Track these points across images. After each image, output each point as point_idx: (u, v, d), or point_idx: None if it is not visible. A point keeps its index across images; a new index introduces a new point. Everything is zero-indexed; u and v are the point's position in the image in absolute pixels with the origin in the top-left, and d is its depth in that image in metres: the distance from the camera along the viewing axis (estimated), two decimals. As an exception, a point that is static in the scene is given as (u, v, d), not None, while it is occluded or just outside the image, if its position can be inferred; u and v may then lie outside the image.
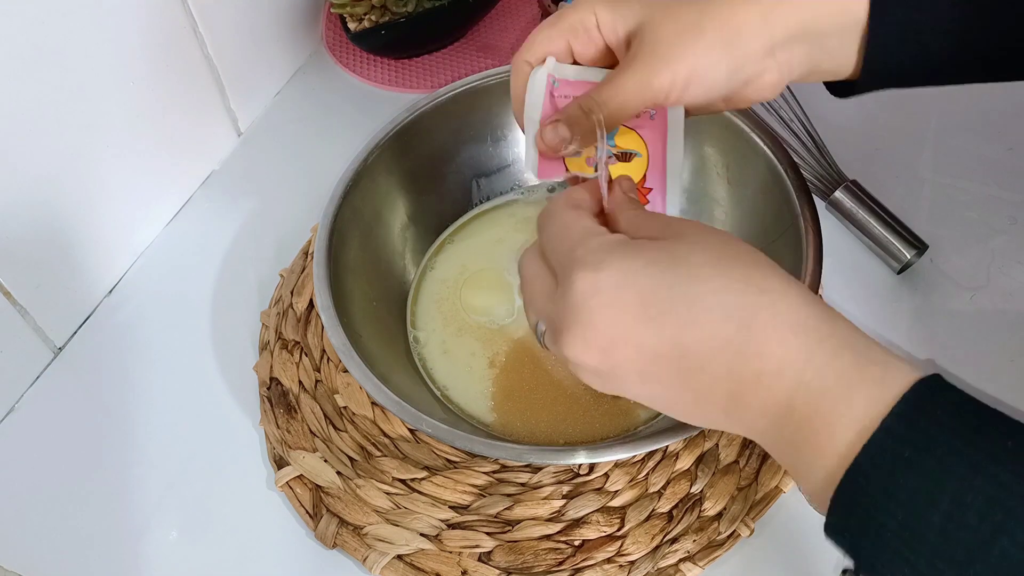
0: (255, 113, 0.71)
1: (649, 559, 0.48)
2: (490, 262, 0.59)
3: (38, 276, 0.55)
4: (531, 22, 0.77)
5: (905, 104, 0.69)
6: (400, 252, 0.58)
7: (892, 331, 0.57)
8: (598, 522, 0.49)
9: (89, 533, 0.51)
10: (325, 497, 0.51)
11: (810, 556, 0.49)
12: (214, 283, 0.61)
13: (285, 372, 0.55)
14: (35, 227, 0.54)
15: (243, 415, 0.55)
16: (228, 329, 0.59)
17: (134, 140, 0.59)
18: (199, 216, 0.65)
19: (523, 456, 0.47)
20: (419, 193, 0.58)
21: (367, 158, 0.54)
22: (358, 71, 0.73)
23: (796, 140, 0.63)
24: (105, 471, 0.53)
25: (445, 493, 0.50)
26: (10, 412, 0.56)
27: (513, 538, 0.49)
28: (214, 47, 0.63)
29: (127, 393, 0.56)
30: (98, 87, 0.55)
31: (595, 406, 0.52)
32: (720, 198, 0.57)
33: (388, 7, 0.69)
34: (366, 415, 0.53)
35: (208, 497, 0.52)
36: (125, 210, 0.61)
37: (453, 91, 0.57)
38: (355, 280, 0.52)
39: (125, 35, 0.55)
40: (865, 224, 0.59)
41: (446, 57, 0.74)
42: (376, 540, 0.49)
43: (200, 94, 0.64)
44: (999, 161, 0.65)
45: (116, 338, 0.59)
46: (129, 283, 0.62)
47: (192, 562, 0.50)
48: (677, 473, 0.51)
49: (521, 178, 0.62)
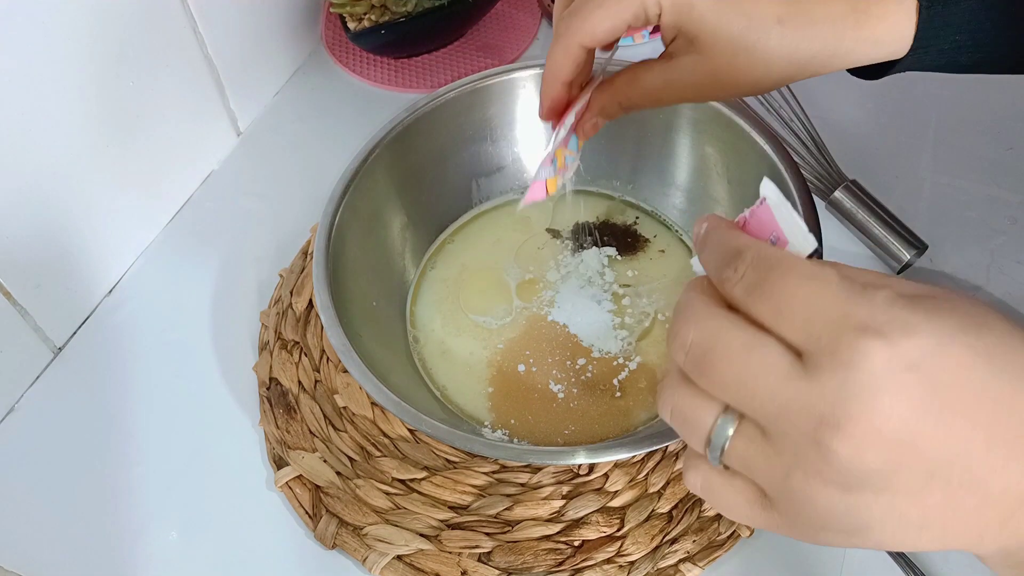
0: (255, 113, 0.71)
1: (649, 559, 0.48)
2: (490, 262, 0.59)
3: (38, 276, 0.55)
4: (531, 22, 0.76)
5: (905, 104, 0.69)
6: (400, 252, 0.58)
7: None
8: (598, 522, 0.49)
9: (89, 533, 0.51)
10: (325, 497, 0.51)
11: (810, 556, 0.49)
12: (214, 283, 0.61)
13: (285, 372, 0.55)
14: (35, 227, 0.54)
15: (243, 415, 0.55)
16: (228, 329, 0.59)
17: (134, 140, 0.59)
18: (199, 216, 0.65)
19: (523, 456, 0.47)
20: (419, 193, 0.58)
21: (367, 158, 0.54)
22: (358, 71, 0.73)
23: (796, 140, 0.63)
24: (105, 471, 0.53)
25: (445, 493, 0.50)
26: (10, 412, 0.56)
27: (513, 538, 0.49)
28: (214, 47, 0.63)
29: (127, 393, 0.56)
30: (98, 87, 0.55)
31: (593, 407, 0.52)
32: (720, 198, 0.57)
33: (388, 7, 0.69)
34: (366, 415, 0.53)
35: (208, 497, 0.52)
36: (125, 210, 0.60)
37: (453, 91, 0.57)
38: (355, 280, 0.52)
39: (125, 35, 0.55)
40: (865, 224, 0.59)
41: (446, 57, 0.74)
42: (376, 540, 0.49)
43: (200, 94, 0.64)
44: (999, 161, 0.65)
45: (116, 338, 0.59)
46: (129, 283, 0.62)
47: (192, 562, 0.50)
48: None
49: (521, 178, 0.62)
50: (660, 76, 0.41)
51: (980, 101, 0.68)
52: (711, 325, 0.26)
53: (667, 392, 0.28)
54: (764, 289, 0.25)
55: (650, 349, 0.55)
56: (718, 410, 0.26)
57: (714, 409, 0.26)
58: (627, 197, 0.62)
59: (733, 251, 0.26)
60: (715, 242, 0.27)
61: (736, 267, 0.26)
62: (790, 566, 0.48)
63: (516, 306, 0.57)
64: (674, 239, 0.60)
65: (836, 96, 0.68)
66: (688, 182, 0.59)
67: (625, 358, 0.54)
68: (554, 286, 0.57)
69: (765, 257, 0.26)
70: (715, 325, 0.26)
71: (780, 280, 0.25)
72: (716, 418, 0.26)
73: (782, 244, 0.27)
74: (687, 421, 0.27)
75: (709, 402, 0.26)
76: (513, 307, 0.57)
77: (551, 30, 0.76)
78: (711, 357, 0.26)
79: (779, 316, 0.25)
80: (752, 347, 0.25)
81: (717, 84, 0.41)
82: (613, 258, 0.59)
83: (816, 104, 0.62)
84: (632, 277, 0.58)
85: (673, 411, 0.27)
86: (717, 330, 0.26)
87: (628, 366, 0.54)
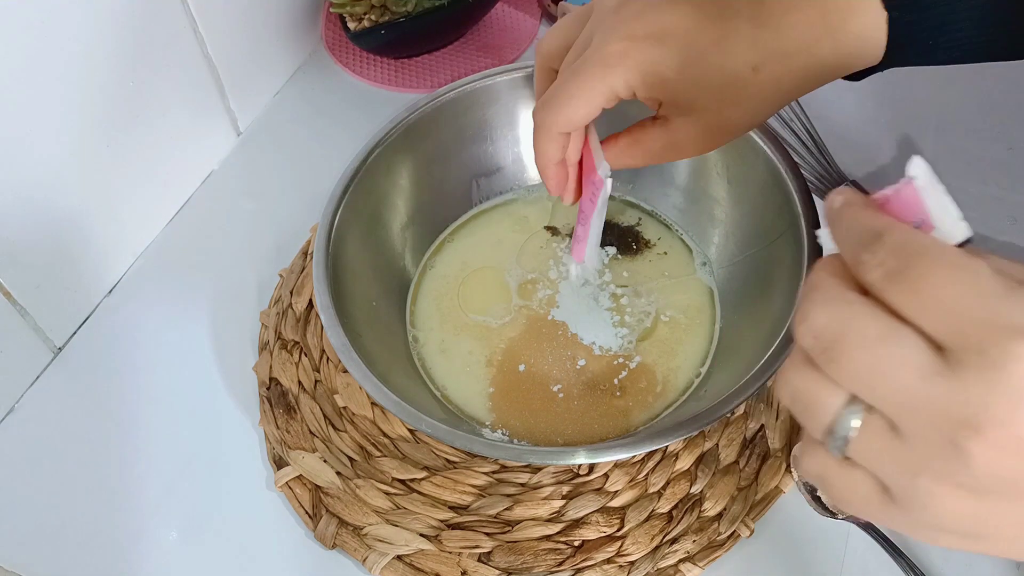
0: (255, 113, 0.71)
1: (649, 559, 0.48)
2: (490, 261, 0.59)
3: (38, 276, 0.55)
4: (531, 22, 0.76)
5: (905, 104, 0.69)
6: (399, 252, 0.58)
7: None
8: (598, 522, 0.49)
9: (89, 533, 0.51)
10: (325, 497, 0.51)
11: (810, 556, 0.49)
12: (214, 283, 0.61)
13: (285, 372, 0.55)
14: (35, 227, 0.54)
15: (243, 415, 0.55)
16: (228, 329, 0.59)
17: (134, 140, 0.59)
18: (199, 216, 0.65)
19: (523, 456, 0.47)
20: (419, 193, 0.58)
21: (367, 158, 0.54)
22: (358, 71, 0.73)
23: (796, 140, 0.63)
24: (105, 471, 0.53)
25: (445, 493, 0.50)
26: (10, 412, 0.56)
27: (513, 538, 0.49)
28: (214, 47, 0.63)
29: (127, 393, 0.56)
30: (98, 87, 0.55)
31: (593, 407, 0.52)
32: (720, 198, 0.57)
33: (388, 7, 0.69)
34: (366, 415, 0.53)
35: (208, 497, 0.52)
36: (125, 210, 0.60)
37: (453, 91, 0.57)
38: (355, 280, 0.52)
39: (125, 35, 0.55)
40: (865, 224, 0.59)
41: (446, 57, 0.74)
42: (376, 540, 0.49)
43: (200, 94, 0.64)
44: (999, 161, 0.65)
45: (116, 338, 0.59)
46: (129, 283, 0.62)
47: (192, 562, 0.50)
48: (677, 473, 0.51)
49: (520, 177, 0.62)
50: (659, 140, 0.43)
51: (980, 101, 0.68)
52: (845, 311, 0.24)
53: (788, 374, 0.26)
54: (906, 277, 0.23)
55: (650, 349, 0.55)
56: (844, 399, 0.25)
57: (839, 398, 0.25)
58: (627, 197, 0.62)
59: (873, 232, 0.25)
60: (852, 220, 0.26)
61: (875, 250, 0.24)
62: (790, 566, 0.48)
63: (516, 305, 0.57)
64: (675, 240, 0.60)
65: (836, 96, 0.68)
66: (688, 182, 0.59)
67: (625, 358, 0.54)
68: (554, 285, 0.57)
69: (909, 242, 0.24)
70: (849, 311, 0.24)
71: (925, 269, 0.23)
72: (841, 407, 0.25)
73: (927, 229, 0.25)
74: (809, 407, 0.26)
75: (835, 390, 0.25)
76: (513, 306, 0.57)
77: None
78: (843, 345, 0.24)
79: (921, 307, 0.23)
80: (889, 338, 0.24)
81: (713, 136, 0.42)
82: (614, 257, 0.59)
83: (816, 104, 0.62)
84: (632, 277, 0.58)
85: (794, 395, 0.26)
86: (851, 317, 0.24)
87: (628, 366, 0.54)
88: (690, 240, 0.59)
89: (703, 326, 0.55)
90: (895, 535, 0.48)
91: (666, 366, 0.54)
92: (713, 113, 0.40)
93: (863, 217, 0.26)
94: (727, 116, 0.41)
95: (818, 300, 0.25)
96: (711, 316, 0.56)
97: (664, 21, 0.39)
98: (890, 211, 0.26)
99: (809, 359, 0.26)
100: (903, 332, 0.24)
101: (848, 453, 0.25)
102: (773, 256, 0.53)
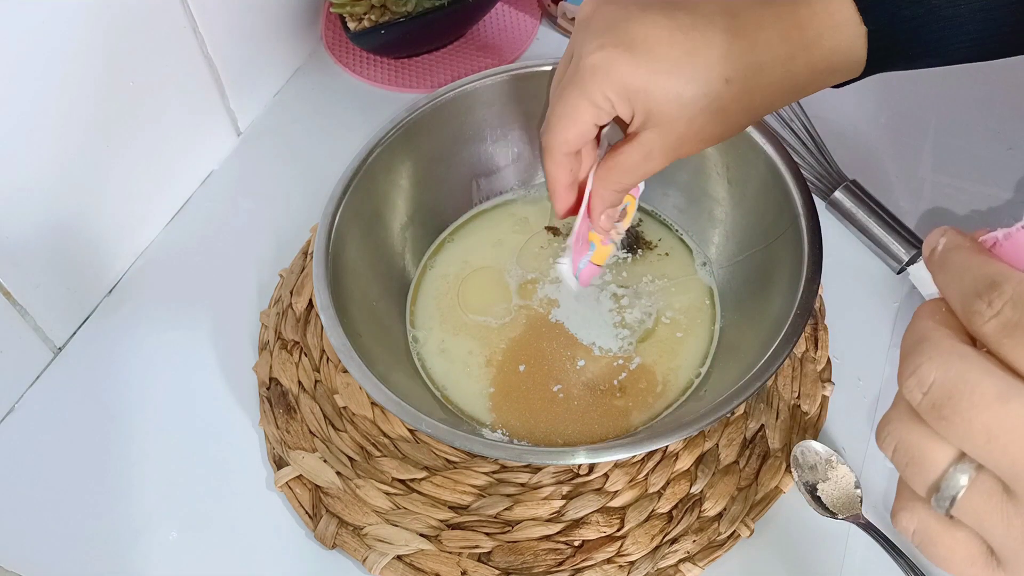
0: (255, 113, 0.71)
1: (649, 559, 0.48)
2: (490, 261, 0.59)
3: (38, 276, 0.55)
4: (531, 22, 0.76)
5: (905, 104, 0.69)
6: (399, 252, 0.58)
7: (892, 331, 0.57)
8: (598, 522, 0.49)
9: (89, 533, 0.51)
10: (325, 497, 0.51)
11: (810, 556, 0.49)
12: (214, 283, 0.61)
13: (285, 372, 0.55)
14: (35, 227, 0.54)
15: (243, 415, 0.55)
16: (228, 329, 0.59)
17: (134, 140, 0.59)
18: (199, 216, 0.65)
19: (523, 456, 0.47)
20: (419, 193, 0.58)
21: (367, 158, 0.54)
22: (358, 71, 0.73)
23: (796, 140, 0.63)
24: (105, 471, 0.53)
25: (444, 493, 0.50)
26: (10, 412, 0.56)
27: (513, 538, 0.49)
28: (214, 47, 0.63)
29: (127, 393, 0.56)
30: (98, 87, 0.55)
31: (593, 407, 0.52)
32: (720, 198, 0.57)
33: (388, 7, 0.69)
34: (366, 415, 0.53)
35: (208, 497, 0.52)
36: (125, 210, 0.60)
37: (453, 91, 0.57)
38: (354, 280, 0.52)
39: (125, 35, 0.55)
40: (865, 224, 0.59)
41: (446, 57, 0.74)
42: (376, 540, 0.49)
43: (200, 94, 0.64)
44: (999, 161, 0.65)
45: (116, 338, 0.59)
46: (129, 283, 0.62)
47: (192, 562, 0.50)
48: (677, 473, 0.51)
49: (520, 177, 0.62)
50: (634, 154, 0.43)
51: (980, 101, 0.68)
52: (958, 366, 0.23)
53: (893, 426, 0.25)
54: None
55: (650, 349, 0.55)
56: (952, 456, 0.24)
57: (948, 455, 0.24)
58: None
59: (987, 281, 0.23)
60: (961, 266, 0.24)
61: (991, 301, 0.23)
62: (790, 566, 0.48)
63: (516, 306, 0.57)
64: (676, 241, 0.60)
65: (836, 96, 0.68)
66: (688, 182, 0.59)
67: (625, 358, 0.54)
68: (555, 286, 0.57)
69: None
70: (963, 367, 0.23)
71: None
72: (949, 465, 0.24)
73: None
74: (914, 462, 0.24)
75: (943, 446, 0.24)
76: (513, 307, 0.57)
77: (551, 30, 0.76)
78: (957, 403, 0.23)
79: None
80: (1009, 398, 0.22)
81: (684, 146, 0.42)
82: (614, 258, 0.59)
83: (816, 104, 0.62)
84: (633, 277, 0.58)
85: (898, 448, 0.25)
86: (966, 372, 0.23)
87: (628, 366, 0.54)
88: (690, 240, 0.59)
89: (703, 326, 0.56)
90: (895, 535, 0.48)
91: (666, 366, 0.54)
92: (683, 122, 0.40)
93: (975, 263, 0.24)
94: (698, 127, 0.40)
95: (926, 352, 0.24)
96: (711, 316, 0.56)
97: (635, 31, 0.39)
98: (1000, 256, 0.25)
99: (915, 412, 0.24)
100: (1022, 392, 0.22)
101: (954, 512, 0.24)
102: (773, 256, 0.53)
